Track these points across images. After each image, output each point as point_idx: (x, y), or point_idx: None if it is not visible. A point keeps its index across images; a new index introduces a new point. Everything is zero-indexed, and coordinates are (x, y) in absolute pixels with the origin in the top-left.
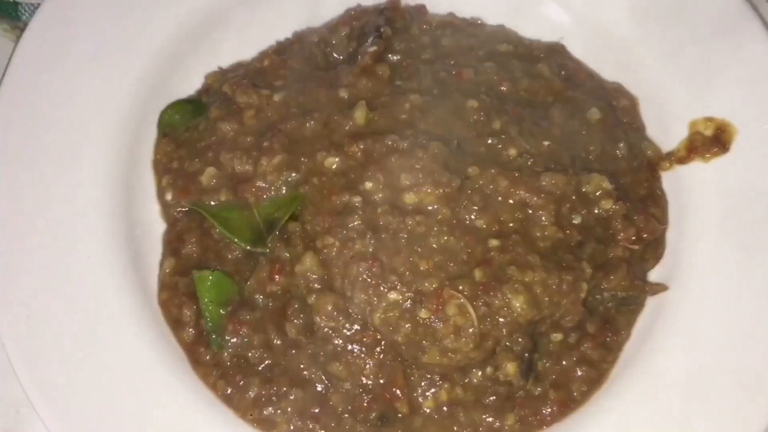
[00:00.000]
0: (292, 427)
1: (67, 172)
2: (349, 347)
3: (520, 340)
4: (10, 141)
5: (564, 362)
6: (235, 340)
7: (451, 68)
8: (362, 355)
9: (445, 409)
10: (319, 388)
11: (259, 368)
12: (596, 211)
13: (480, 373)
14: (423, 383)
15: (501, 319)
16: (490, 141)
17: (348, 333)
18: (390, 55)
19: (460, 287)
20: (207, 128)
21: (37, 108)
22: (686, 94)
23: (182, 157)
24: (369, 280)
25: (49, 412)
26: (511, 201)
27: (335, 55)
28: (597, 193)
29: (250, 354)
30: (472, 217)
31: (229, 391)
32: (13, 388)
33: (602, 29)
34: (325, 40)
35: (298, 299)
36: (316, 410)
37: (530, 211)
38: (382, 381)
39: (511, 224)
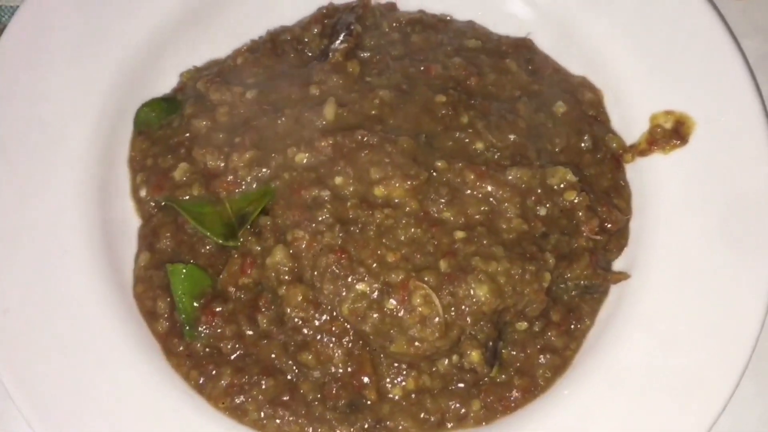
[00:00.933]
0: (262, 415)
1: (45, 170)
2: (319, 337)
3: (484, 328)
4: None
5: (528, 350)
6: (207, 331)
7: (420, 64)
8: (331, 345)
9: (412, 396)
10: (289, 377)
11: (231, 358)
12: (561, 203)
13: (446, 362)
14: (391, 371)
15: (465, 309)
16: (457, 135)
17: (317, 323)
18: (360, 52)
19: (426, 278)
20: (181, 125)
21: (15, 107)
22: (648, 88)
23: (156, 154)
24: (337, 271)
25: (27, 402)
26: (477, 194)
27: (307, 52)
28: (561, 185)
29: (222, 344)
30: (440, 209)
31: (201, 381)
32: None
33: (568, 25)
34: (298, 37)
35: (269, 291)
36: (287, 398)
37: (496, 204)
38: (350, 369)
39: (477, 216)
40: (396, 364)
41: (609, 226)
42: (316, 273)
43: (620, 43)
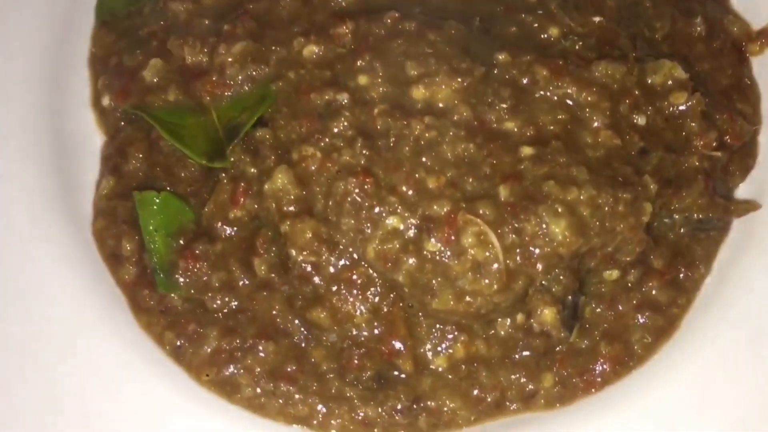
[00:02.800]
0: (259, 391)
1: None
2: (335, 288)
3: (561, 278)
4: None
5: (621, 307)
6: (188, 279)
7: None
8: (351, 299)
9: (462, 367)
10: (296, 340)
11: (219, 315)
12: (666, 109)
13: (508, 322)
14: (432, 335)
15: (535, 251)
16: (523, 17)
17: (333, 270)
18: None
19: (481, 210)
20: (155, 11)
21: None
22: None
23: (123, 50)
24: (360, 201)
25: None
26: (552, 96)
27: None
28: (667, 84)
29: (207, 297)
30: (501, 117)
31: (179, 344)
32: None
33: None
34: None
35: (268, 227)
36: (292, 368)
37: (577, 110)
38: (378, 332)
39: (551, 127)
40: (439, 326)
41: (730, 139)
42: (331, 203)
43: None
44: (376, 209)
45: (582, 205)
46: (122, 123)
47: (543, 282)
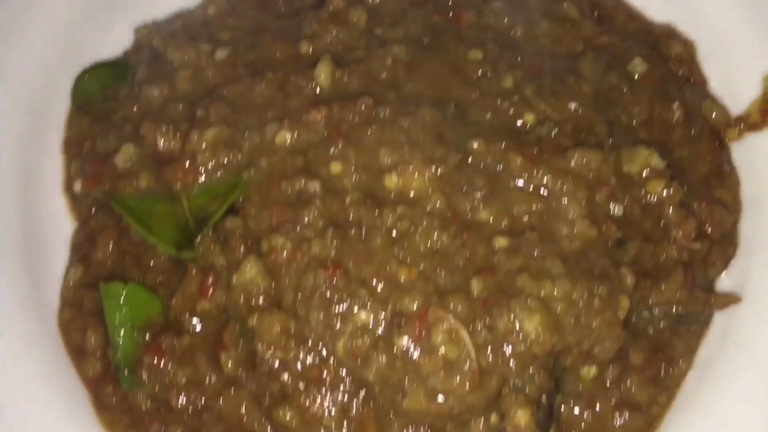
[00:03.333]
0: None
1: None
2: (303, 386)
3: (535, 378)
4: None
5: (599, 406)
6: (152, 376)
7: (447, 9)
8: (320, 398)
9: None
10: None
11: (185, 415)
12: (643, 198)
13: (482, 423)
14: None
15: (508, 349)
16: (498, 103)
17: (301, 367)
18: None
19: (453, 305)
20: (130, 95)
21: None
22: (761, 36)
23: (97, 135)
24: (330, 294)
25: None
26: (526, 186)
27: None
28: (643, 174)
29: (172, 395)
30: (474, 206)
31: None
32: None
33: None
34: None
35: (237, 321)
36: None
37: (553, 201)
38: None
39: (525, 217)
40: (412, 426)
41: (710, 229)
42: (300, 296)
43: None
44: (346, 303)
45: (556, 300)
46: (94, 209)
47: (517, 381)
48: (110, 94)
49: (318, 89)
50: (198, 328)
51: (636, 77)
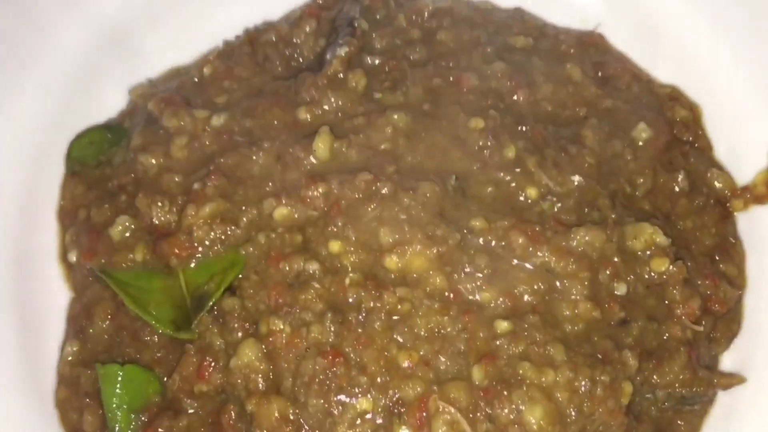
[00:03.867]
0: None
1: None
2: None
3: None
4: None
5: None
6: None
7: (448, 72)
8: None
9: None
10: None
11: None
12: (647, 276)
13: None
14: None
15: None
16: (501, 176)
17: None
18: (367, 58)
19: (454, 394)
20: (124, 162)
21: None
22: (766, 105)
23: (92, 203)
24: (329, 381)
25: None
26: (529, 266)
27: (297, 58)
28: (648, 250)
29: None
30: (476, 287)
31: None
32: None
33: (651, 13)
34: (285, 38)
35: (235, 403)
36: None
37: (556, 281)
38: None
39: (528, 298)
40: None
41: (715, 307)
42: (299, 382)
43: (724, 37)
44: (345, 391)
45: (558, 389)
46: (90, 279)
47: None
48: (105, 160)
49: (316, 161)
50: (196, 409)
51: (640, 144)
